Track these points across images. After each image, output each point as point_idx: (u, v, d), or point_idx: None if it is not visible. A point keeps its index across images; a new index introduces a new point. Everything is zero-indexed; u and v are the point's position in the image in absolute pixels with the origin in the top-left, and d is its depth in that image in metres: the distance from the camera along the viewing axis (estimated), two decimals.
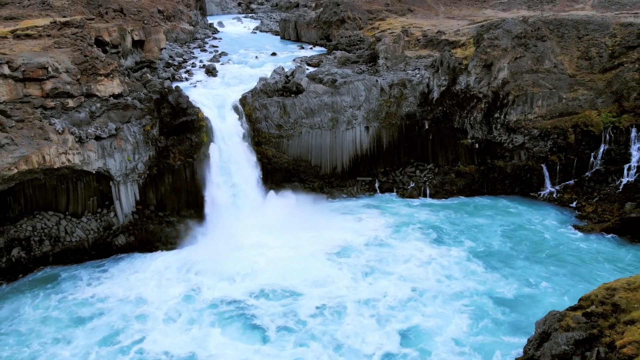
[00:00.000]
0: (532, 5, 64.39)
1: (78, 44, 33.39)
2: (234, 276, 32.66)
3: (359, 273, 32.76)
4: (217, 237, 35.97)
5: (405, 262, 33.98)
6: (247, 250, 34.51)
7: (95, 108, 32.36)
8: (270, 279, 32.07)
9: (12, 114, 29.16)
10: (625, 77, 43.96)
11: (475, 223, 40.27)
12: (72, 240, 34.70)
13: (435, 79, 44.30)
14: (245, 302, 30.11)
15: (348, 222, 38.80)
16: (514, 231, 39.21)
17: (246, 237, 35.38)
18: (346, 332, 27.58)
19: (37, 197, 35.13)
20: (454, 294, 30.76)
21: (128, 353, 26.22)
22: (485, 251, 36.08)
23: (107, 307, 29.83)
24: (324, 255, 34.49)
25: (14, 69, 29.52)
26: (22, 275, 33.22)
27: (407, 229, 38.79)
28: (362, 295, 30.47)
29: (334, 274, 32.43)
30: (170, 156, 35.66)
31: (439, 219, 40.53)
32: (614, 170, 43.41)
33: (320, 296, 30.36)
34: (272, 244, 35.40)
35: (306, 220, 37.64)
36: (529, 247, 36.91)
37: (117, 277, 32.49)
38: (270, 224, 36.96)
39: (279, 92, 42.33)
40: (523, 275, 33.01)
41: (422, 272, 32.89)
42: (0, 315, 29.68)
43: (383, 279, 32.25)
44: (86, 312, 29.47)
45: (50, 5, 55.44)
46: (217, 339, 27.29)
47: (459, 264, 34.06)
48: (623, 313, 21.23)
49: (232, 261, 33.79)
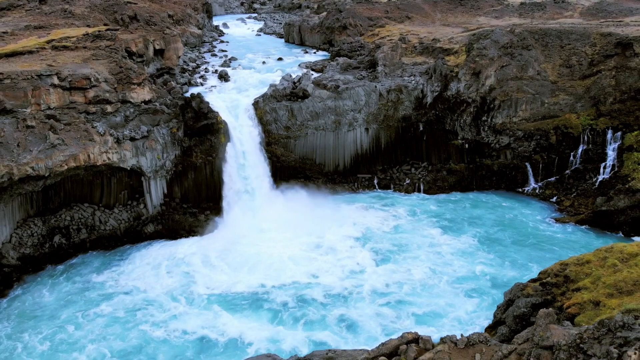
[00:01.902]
0: (523, 13, 70.20)
1: (113, 56, 39.23)
2: (248, 262, 38.32)
3: (369, 259, 38.30)
4: (233, 226, 41.83)
5: (414, 249, 39.72)
6: (261, 238, 40.31)
7: (129, 113, 38.22)
8: (281, 264, 37.74)
9: (61, 118, 34.99)
10: (603, 83, 49.82)
11: (469, 215, 46.13)
12: (105, 228, 40.57)
13: (429, 85, 50.18)
14: (259, 287, 35.19)
15: (353, 213, 44.67)
16: (502, 222, 45.11)
17: (260, 226, 41.20)
18: (361, 314, 32.51)
19: (74, 191, 40.99)
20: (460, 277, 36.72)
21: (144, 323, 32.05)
22: (483, 237, 42.09)
23: (133, 285, 35.65)
24: (333, 242, 40.17)
25: (62, 79, 35.32)
26: (64, 259, 39.01)
27: (411, 219, 44.75)
28: (377, 280, 35.73)
29: (342, 261, 38.03)
30: (193, 155, 41.61)
31: (439, 211, 46.44)
32: (591, 169, 49.33)
33: (331, 282, 35.71)
34: (283, 234, 41.18)
35: (313, 212, 43.51)
36: (516, 235, 42.77)
37: (146, 259, 38.29)
38: (280, 215, 42.83)
39: (287, 97, 48.12)
40: (512, 259, 38.86)
41: (434, 256, 38.63)
42: (51, 290, 35.53)
43: (395, 263, 37.87)
44: (116, 288, 35.27)
45: (72, 13, 61.19)
46: (229, 319, 31.81)
47: (464, 249, 40.12)
48: (572, 283, 27.12)
49: (247, 248, 39.58)
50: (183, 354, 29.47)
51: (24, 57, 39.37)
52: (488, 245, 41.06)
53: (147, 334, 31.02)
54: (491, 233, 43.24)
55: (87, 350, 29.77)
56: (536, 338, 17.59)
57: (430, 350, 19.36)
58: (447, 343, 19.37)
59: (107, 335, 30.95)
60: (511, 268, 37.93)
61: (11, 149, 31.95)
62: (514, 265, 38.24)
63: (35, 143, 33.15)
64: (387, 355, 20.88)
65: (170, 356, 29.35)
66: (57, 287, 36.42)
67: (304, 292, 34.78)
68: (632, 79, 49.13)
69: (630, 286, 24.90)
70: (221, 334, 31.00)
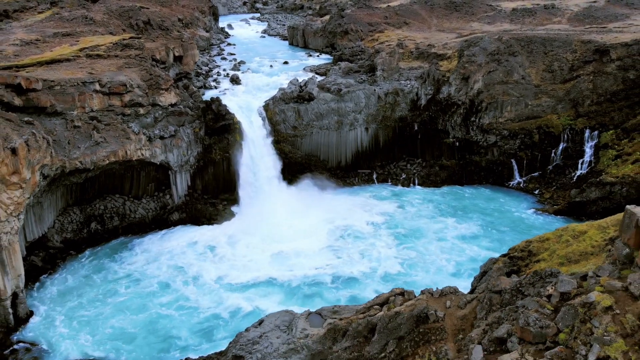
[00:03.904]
0: (514, 19, 77.17)
1: (143, 64, 46.18)
2: (261, 245, 45.23)
3: (381, 241, 45.74)
4: (247, 215, 48.84)
5: (418, 234, 47.05)
6: (273, 225, 47.24)
7: (158, 114, 45.16)
8: (292, 247, 44.73)
9: (102, 119, 41.95)
10: (581, 87, 56.84)
11: (462, 205, 53.29)
12: (135, 216, 47.55)
13: (423, 88, 57.20)
14: (271, 267, 42.27)
15: (355, 203, 51.90)
16: (490, 211, 52.20)
17: (272, 215, 48.15)
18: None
19: (107, 183, 47.92)
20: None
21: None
22: (475, 224, 49.31)
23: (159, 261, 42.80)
24: (337, 227, 47.32)
25: (102, 85, 42.26)
26: (100, 243, 45.97)
27: (412, 208, 51.82)
28: (388, 262, 42.87)
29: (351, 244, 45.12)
30: (213, 152, 48.64)
31: (435, 202, 53.59)
32: (571, 164, 56.35)
33: (336, 263, 42.81)
34: (290, 221, 48.12)
35: (318, 202, 50.54)
36: (502, 222, 49.86)
37: (173, 241, 45.33)
38: (289, 205, 49.80)
39: (294, 100, 55.07)
40: (500, 241, 45.99)
41: (433, 238, 45.96)
42: (91, 268, 42.53)
43: (404, 244, 45.22)
44: (145, 267, 42.36)
45: (93, 20, 68.09)
46: (242, 297, 38.73)
47: (463, 234, 47.52)
48: (534, 256, 34.04)
49: (260, 233, 46.51)
50: (215, 320, 36.44)
51: (64, 65, 46.31)
52: (479, 231, 48.15)
53: (174, 306, 38.00)
54: (481, 221, 50.25)
55: (128, 318, 36.80)
56: (489, 285, 24.72)
57: (412, 299, 26.50)
58: (425, 294, 26.52)
59: (147, 303, 38.00)
60: (499, 249, 44.99)
61: (63, 145, 38.89)
62: (503, 246, 45.29)
63: (81, 141, 40.10)
64: (379, 304, 28.08)
65: (203, 319, 36.37)
66: (93, 266, 43.38)
67: (314, 274, 41.57)
68: (607, 83, 56.16)
69: (577, 257, 31.83)
70: (238, 306, 37.86)
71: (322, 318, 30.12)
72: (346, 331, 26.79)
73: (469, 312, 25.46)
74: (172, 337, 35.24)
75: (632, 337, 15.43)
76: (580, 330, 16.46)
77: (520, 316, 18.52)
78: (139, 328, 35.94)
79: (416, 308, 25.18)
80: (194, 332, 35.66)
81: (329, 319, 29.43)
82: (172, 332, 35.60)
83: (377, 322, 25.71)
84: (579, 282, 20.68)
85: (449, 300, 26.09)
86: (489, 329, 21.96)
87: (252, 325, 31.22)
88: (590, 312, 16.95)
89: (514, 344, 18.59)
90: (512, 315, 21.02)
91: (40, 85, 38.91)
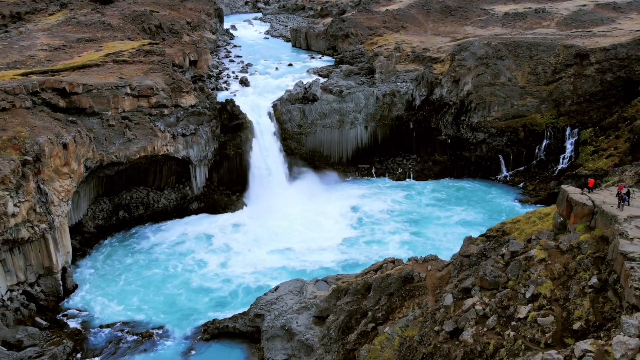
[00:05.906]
0: (505, 23, 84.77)
1: (165, 70, 53.74)
2: (270, 232, 52.72)
3: (386, 225, 53.38)
4: (258, 205, 56.40)
5: (418, 219, 54.93)
6: (282, 214, 54.78)
7: (180, 115, 52.69)
8: (300, 233, 52.24)
9: (132, 119, 49.49)
10: (563, 88, 64.45)
11: (455, 196, 60.88)
12: (158, 206, 55.10)
13: (418, 90, 64.79)
14: (281, 253, 49.80)
15: (356, 194, 59.51)
16: (479, 201, 59.77)
17: (280, 205, 55.71)
18: None
19: (132, 176, 55.42)
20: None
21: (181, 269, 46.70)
22: (466, 211, 57.02)
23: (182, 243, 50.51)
24: (337, 214, 54.90)
25: (132, 89, 49.79)
26: (127, 228, 53.52)
27: (409, 201, 59.45)
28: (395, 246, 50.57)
29: (339, 229, 52.71)
30: (227, 148, 56.24)
31: (430, 193, 61.19)
32: (553, 159, 63.99)
33: (340, 247, 50.38)
34: (299, 210, 55.70)
35: (322, 194, 58.10)
36: (489, 211, 57.42)
37: (192, 227, 52.97)
38: (296, 196, 57.36)
39: (299, 100, 62.62)
40: (485, 225, 53.35)
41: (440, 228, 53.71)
42: (121, 250, 50.13)
43: (409, 229, 52.84)
44: (171, 248, 49.99)
45: (110, 25, 75.56)
46: (253, 277, 46.58)
47: (457, 220, 55.33)
48: (506, 235, 41.61)
49: (270, 221, 54.06)
50: (234, 290, 44.01)
51: (94, 70, 53.87)
52: (470, 218, 55.78)
53: (195, 279, 45.59)
54: (471, 210, 57.83)
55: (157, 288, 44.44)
56: (461, 251, 32.36)
57: (401, 265, 34.15)
58: (411, 260, 34.12)
59: (171, 279, 45.61)
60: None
61: (101, 141, 46.44)
62: None
63: (116, 138, 47.65)
64: (374, 270, 35.69)
65: (218, 295, 43.93)
66: (122, 248, 50.98)
67: (319, 259, 48.96)
68: (587, 84, 63.81)
69: None
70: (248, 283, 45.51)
71: (328, 284, 37.82)
72: (347, 290, 34.42)
73: (445, 273, 33.19)
74: (195, 305, 42.80)
75: (558, 280, 23.18)
76: (522, 277, 24.16)
77: (480, 270, 26.20)
78: (165, 298, 43.54)
79: (404, 271, 32.89)
80: (214, 303, 43.25)
81: (333, 284, 37.08)
82: (194, 301, 43.16)
83: (372, 282, 33.38)
84: (525, 244, 28.72)
85: (430, 265, 33.78)
86: (459, 283, 29.62)
87: (269, 291, 38.92)
88: (529, 263, 24.79)
89: (476, 291, 26.32)
90: (476, 272, 28.62)
91: (81, 89, 46.47)
